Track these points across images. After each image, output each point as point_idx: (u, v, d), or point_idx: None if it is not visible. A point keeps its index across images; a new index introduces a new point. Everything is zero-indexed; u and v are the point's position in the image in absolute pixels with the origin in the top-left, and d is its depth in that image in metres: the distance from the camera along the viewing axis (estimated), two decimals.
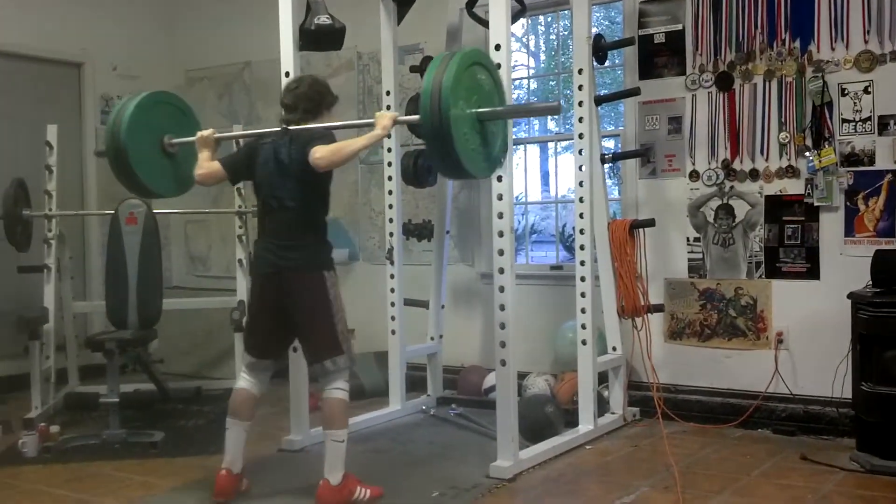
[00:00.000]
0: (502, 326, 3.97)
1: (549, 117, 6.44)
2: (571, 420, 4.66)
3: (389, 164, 5.15)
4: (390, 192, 5.17)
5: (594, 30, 4.85)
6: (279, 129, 3.67)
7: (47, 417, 5.07)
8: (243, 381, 3.77)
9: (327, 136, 3.59)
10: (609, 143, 5.81)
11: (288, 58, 4.47)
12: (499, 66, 3.90)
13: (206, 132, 3.84)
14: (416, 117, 3.46)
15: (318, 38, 4.56)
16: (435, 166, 3.45)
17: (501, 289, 3.96)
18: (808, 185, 4.71)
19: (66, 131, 6.06)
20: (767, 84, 4.84)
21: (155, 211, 5.21)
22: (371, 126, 3.56)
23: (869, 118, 4.56)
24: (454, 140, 3.25)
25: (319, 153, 3.45)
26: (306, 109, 3.66)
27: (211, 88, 7.25)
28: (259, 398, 3.82)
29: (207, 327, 6.36)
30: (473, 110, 3.42)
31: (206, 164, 3.77)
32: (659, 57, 5.16)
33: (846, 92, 4.62)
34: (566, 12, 5.67)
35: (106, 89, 6.97)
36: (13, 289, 6.09)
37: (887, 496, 3.65)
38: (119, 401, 4.65)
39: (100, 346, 4.73)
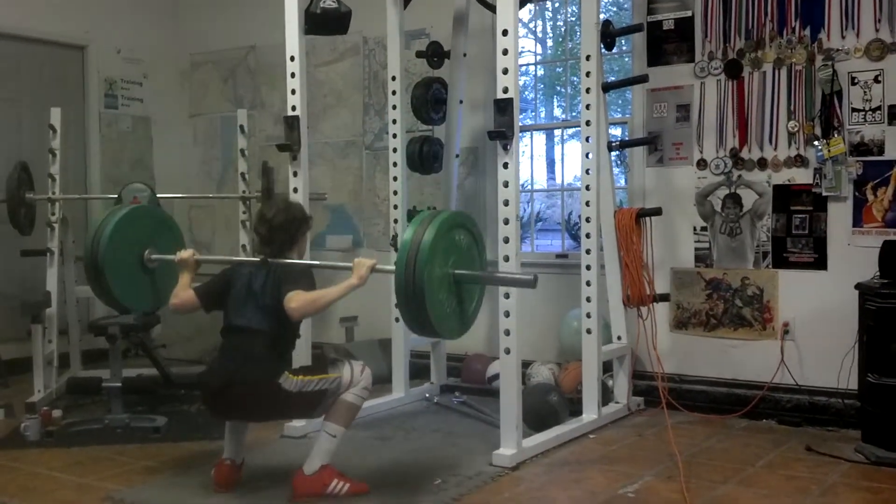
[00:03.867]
0: (507, 314, 3.95)
1: (556, 103, 6.39)
2: (575, 409, 4.64)
3: (395, 150, 5.12)
4: (395, 179, 5.15)
5: (602, 16, 4.80)
6: (258, 259, 3.63)
7: (50, 401, 5.07)
8: None
9: (306, 278, 3.53)
10: (616, 131, 5.79)
11: (293, 42, 4.43)
12: (505, 51, 3.87)
13: (185, 253, 3.81)
14: (393, 269, 3.40)
15: (323, 22, 4.52)
16: (407, 325, 3.46)
17: None
18: (817, 175, 4.67)
19: (70, 114, 6.05)
20: (777, 72, 4.79)
21: (159, 195, 5.19)
22: (349, 272, 3.48)
23: (879, 107, 4.52)
24: (427, 304, 3.24)
25: (295, 303, 3.38)
26: (283, 241, 3.62)
27: (215, 72, 7.22)
28: None
29: (210, 313, 6.33)
30: (450, 271, 3.38)
31: (182, 294, 3.72)
32: (668, 44, 5.11)
33: (856, 81, 4.57)
34: None
35: (110, 72, 6.95)
36: (16, 272, 6.08)
37: (892, 488, 3.63)
38: (121, 385, 4.64)
39: (102, 330, 4.73)
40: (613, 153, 4.96)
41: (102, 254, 3.87)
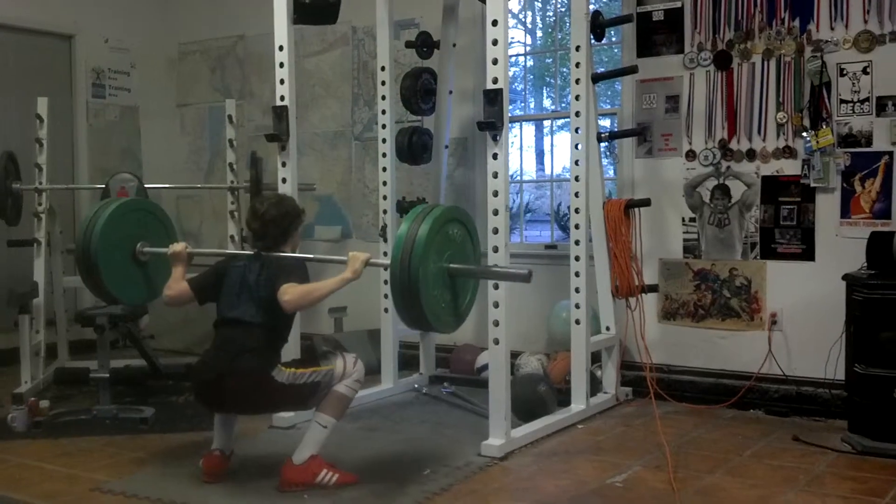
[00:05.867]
0: (496, 305, 3.94)
1: (545, 94, 6.39)
2: (564, 399, 4.65)
3: (384, 140, 5.11)
4: (384, 169, 5.13)
5: (592, 6, 4.80)
6: (252, 253, 3.63)
7: (37, 392, 5.04)
8: None
9: (299, 270, 3.53)
10: (605, 122, 5.77)
11: (282, 31, 4.41)
12: (495, 42, 3.86)
13: (178, 246, 3.82)
14: (388, 262, 3.39)
15: (312, 12, 4.50)
16: (402, 320, 3.47)
17: None
18: (805, 166, 4.68)
19: (57, 104, 6.00)
20: (766, 63, 4.80)
21: (146, 186, 5.17)
22: (344, 265, 3.46)
23: (867, 99, 4.53)
24: (422, 300, 3.23)
25: (288, 296, 3.38)
26: (276, 236, 3.62)
27: (203, 62, 7.18)
28: None
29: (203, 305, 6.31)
30: (444, 265, 3.37)
31: (176, 286, 3.73)
32: (657, 35, 5.11)
33: (845, 72, 4.58)
34: None
35: (98, 62, 6.90)
36: (3, 263, 6.04)
37: (879, 477, 3.66)
38: (109, 376, 4.63)
39: (90, 321, 4.70)
40: (602, 144, 4.96)
41: (95, 248, 3.86)
